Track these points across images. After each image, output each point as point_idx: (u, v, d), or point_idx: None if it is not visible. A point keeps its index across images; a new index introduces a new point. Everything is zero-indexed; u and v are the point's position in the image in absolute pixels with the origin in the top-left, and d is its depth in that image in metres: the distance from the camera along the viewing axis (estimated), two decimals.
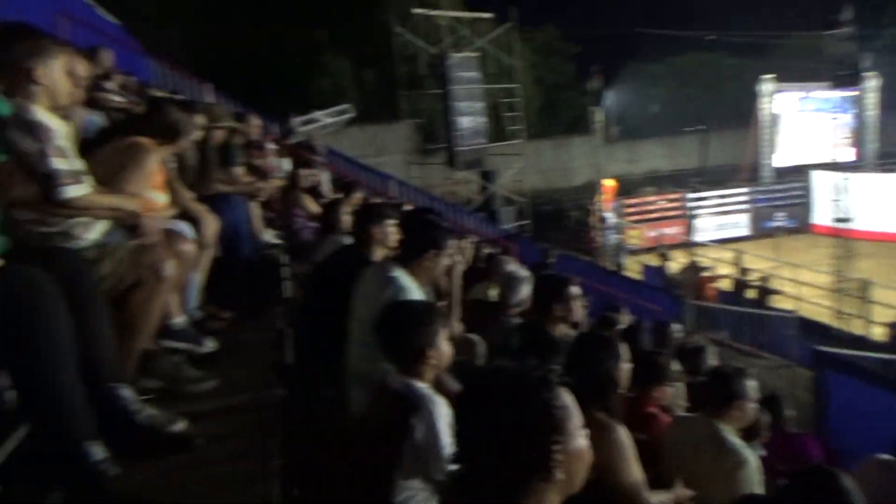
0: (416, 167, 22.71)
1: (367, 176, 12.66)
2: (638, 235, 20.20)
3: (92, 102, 5.83)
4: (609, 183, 21.61)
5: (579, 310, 3.98)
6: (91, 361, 1.85)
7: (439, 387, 2.59)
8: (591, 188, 22.80)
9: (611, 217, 20.40)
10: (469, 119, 18.57)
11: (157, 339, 2.56)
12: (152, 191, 2.93)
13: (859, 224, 19.10)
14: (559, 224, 24.11)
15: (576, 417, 1.36)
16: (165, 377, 2.61)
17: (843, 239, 16.08)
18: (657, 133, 31.60)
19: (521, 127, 20.75)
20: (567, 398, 1.36)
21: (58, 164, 2.09)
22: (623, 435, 2.58)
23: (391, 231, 3.87)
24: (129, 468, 1.82)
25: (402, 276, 3.02)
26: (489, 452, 1.30)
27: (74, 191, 2.13)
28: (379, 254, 3.83)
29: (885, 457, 4.44)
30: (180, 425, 2.25)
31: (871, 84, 24.65)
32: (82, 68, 2.29)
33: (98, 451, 1.70)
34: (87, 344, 1.82)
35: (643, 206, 23.15)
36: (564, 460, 1.31)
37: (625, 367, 2.99)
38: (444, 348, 2.46)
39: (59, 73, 2.17)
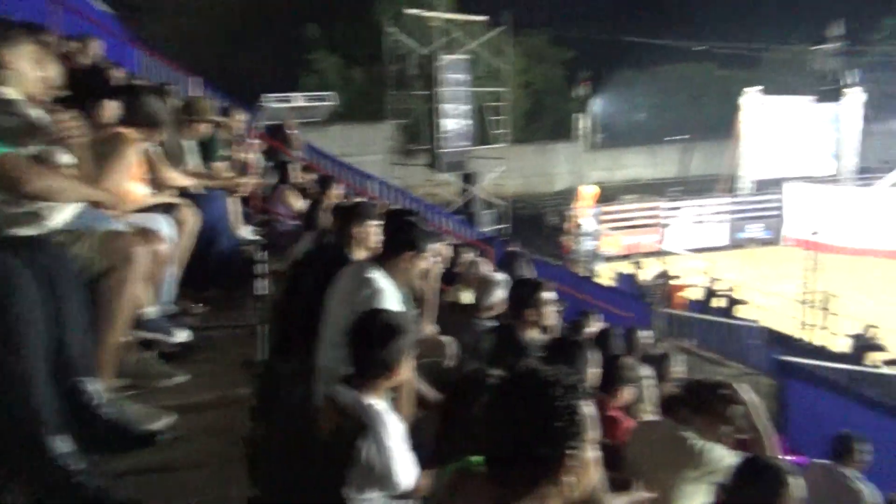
0: (398, 167, 22.69)
1: (348, 174, 12.59)
2: (614, 242, 20.34)
3: None
4: (587, 189, 21.74)
5: (552, 314, 4.01)
6: (63, 353, 1.84)
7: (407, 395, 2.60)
8: (572, 194, 22.95)
9: (588, 223, 20.54)
10: (454, 121, 18.63)
11: (130, 330, 2.54)
12: (132, 182, 2.92)
13: (831, 238, 19.43)
14: (537, 229, 24.24)
15: (595, 430, 1.42)
16: (133, 374, 2.57)
17: (813, 252, 16.37)
18: (641, 141, 31.88)
19: (506, 131, 20.81)
20: (590, 409, 1.42)
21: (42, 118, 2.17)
22: None
23: (372, 231, 3.84)
24: (94, 465, 1.81)
25: (380, 277, 2.99)
26: (510, 448, 1.38)
27: (68, 159, 2.23)
28: (359, 254, 3.80)
29: (827, 462, 4.68)
30: (163, 421, 2.23)
31: (855, 99, 25.12)
32: (53, 69, 2.33)
33: (63, 445, 1.69)
34: (60, 335, 1.81)
35: (620, 213, 23.34)
36: (575, 467, 1.37)
37: (593, 372, 3.05)
38: (406, 372, 2.44)
39: (27, 59, 2.23)
